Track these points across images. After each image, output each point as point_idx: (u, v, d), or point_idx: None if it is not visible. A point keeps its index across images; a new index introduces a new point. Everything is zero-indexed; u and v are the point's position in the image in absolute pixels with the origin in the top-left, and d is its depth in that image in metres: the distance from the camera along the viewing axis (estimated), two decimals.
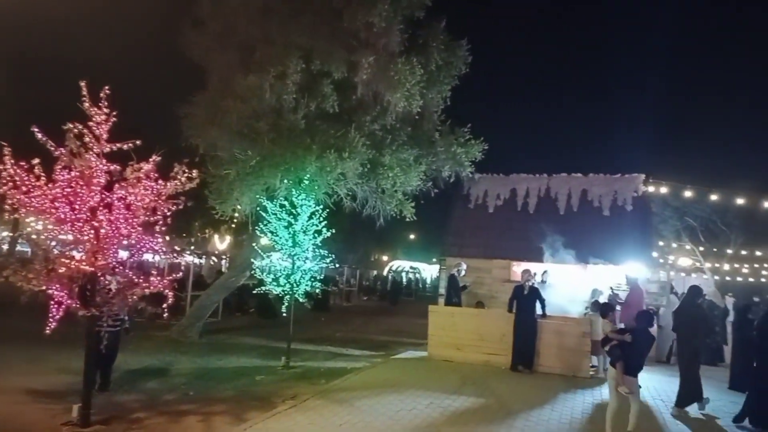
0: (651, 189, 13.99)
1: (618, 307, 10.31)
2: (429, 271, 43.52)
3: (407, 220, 12.64)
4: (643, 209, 13.39)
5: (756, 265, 29.30)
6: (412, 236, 48.61)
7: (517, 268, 12.91)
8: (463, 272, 12.62)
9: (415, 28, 11.80)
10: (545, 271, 11.94)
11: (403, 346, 12.93)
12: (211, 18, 11.69)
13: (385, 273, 40.27)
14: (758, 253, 27.40)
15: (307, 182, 10.57)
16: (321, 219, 10.26)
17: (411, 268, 41.84)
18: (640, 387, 6.73)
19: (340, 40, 10.94)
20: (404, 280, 38.25)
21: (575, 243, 12.05)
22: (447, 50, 11.93)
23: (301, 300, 10.37)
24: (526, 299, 10.54)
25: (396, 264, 44.41)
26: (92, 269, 6.06)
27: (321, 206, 10.53)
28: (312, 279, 10.36)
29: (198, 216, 20.80)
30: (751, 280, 29.93)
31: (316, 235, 10.24)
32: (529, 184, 14.65)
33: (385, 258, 46.92)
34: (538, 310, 10.48)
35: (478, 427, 6.64)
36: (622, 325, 8.16)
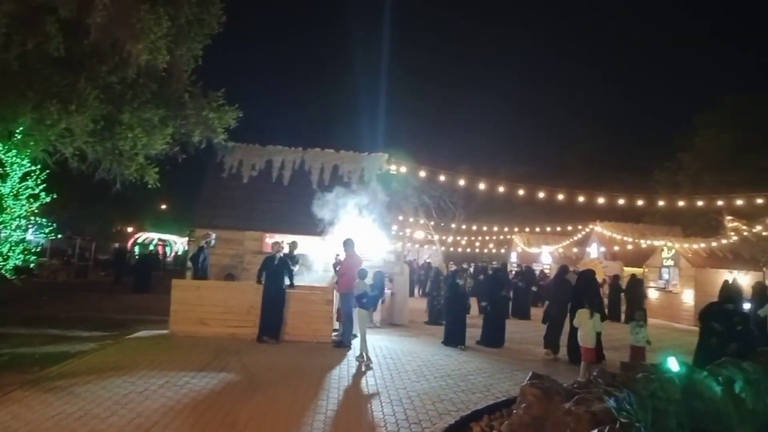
0: (393, 168, 15.29)
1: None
2: (181, 243, 41.06)
3: (150, 186, 11.60)
4: (386, 186, 14.57)
5: (473, 238, 34.73)
6: (163, 206, 45.25)
7: (270, 240, 12.94)
8: (212, 243, 12.13)
9: None
10: (294, 242, 12.17)
11: (144, 325, 11.90)
12: None
13: (129, 246, 36.77)
14: (474, 228, 32.49)
15: (19, 136, 8.85)
16: (39, 181, 8.71)
17: (160, 240, 38.94)
18: None
19: None
20: (137, 252, 35.24)
21: (326, 215, 12.51)
22: (199, 5, 11.08)
23: (9, 276, 8.72)
24: (275, 270, 10.62)
25: (143, 236, 40.89)
26: None
27: (39, 166, 8.93)
28: (25, 252, 8.78)
29: None
30: (468, 250, 35.34)
31: (31, 200, 8.67)
32: (285, 156, 14.77)
33: (130, 229, 42.77)
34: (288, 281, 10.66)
35: (215, 402, 6.44)
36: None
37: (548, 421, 4.50)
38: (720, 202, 20.33)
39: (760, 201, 18.46)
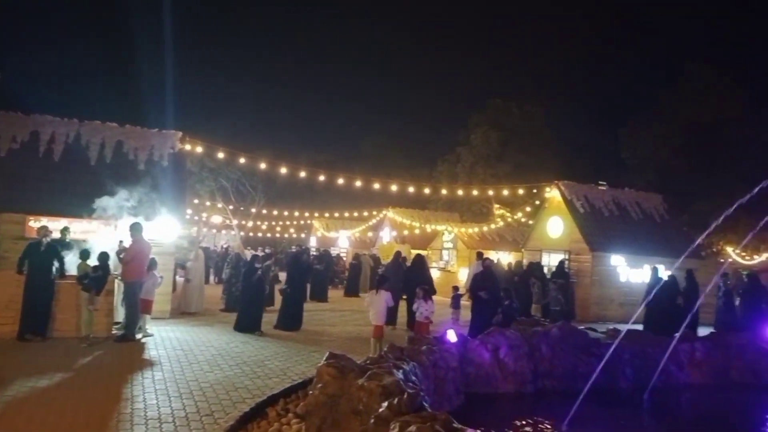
0: (188, 147, 14.32)
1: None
2: None
3: None
4: (179, 167, 13.59)
5: (273, 223, 34.50)
6: None
7: (36, 224, 11.19)
8: None
9: None
10: (65, 227, 10.70)
11: None
12: None
13: None
14: (275, 212, 32.27)
15: None
16: None
17: None
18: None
19: None
20: None
21: (106, 196, 11.22)
22: None
23: None
24: (42, 258, 9.24)
25: None
26: None
27: None
28: None
29: None
30: (269, 235, 35.02)
31: None
32: (56, 128, 12.84)
33: None
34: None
35: None
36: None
37: (342, 398, 4.64)
38: (490, 192, 23.26)
39: (520, 191, 21.54)
